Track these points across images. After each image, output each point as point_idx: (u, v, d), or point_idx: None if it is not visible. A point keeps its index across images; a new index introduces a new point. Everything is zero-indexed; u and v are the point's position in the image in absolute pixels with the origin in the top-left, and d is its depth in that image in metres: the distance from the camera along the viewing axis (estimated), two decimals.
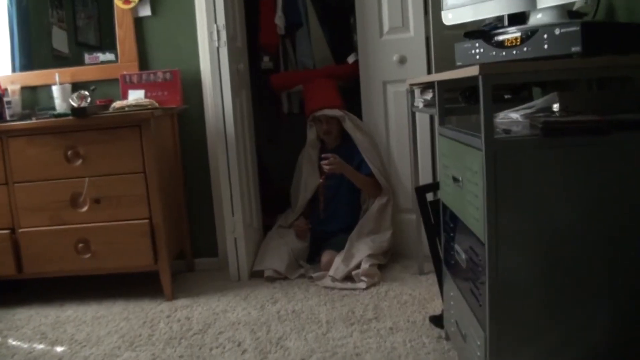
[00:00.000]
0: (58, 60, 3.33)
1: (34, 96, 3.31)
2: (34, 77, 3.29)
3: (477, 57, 1.72)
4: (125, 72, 3.15)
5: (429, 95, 2.45)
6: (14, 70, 3.34)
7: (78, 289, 3.03)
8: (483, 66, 1.33)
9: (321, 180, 3.21)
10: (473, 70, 1.36)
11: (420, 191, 2.18)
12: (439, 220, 2.06)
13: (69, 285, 3.07)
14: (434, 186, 2.31)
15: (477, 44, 1.71)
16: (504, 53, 1.60)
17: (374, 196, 3.21)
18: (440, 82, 1.91)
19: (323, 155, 3.10)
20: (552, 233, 1.38)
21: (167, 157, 3.00)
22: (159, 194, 2.72)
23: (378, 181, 3.15)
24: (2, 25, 3.35)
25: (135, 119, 2.67)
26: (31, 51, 3.41)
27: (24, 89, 3.28)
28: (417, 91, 2.70)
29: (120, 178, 2.72)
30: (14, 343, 2.42)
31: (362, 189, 3.23)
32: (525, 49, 1.53)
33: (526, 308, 1.41)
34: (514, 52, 1.56)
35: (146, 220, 2.72)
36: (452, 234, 1.84)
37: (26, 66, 3.35)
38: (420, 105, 2.53)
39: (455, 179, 1.68)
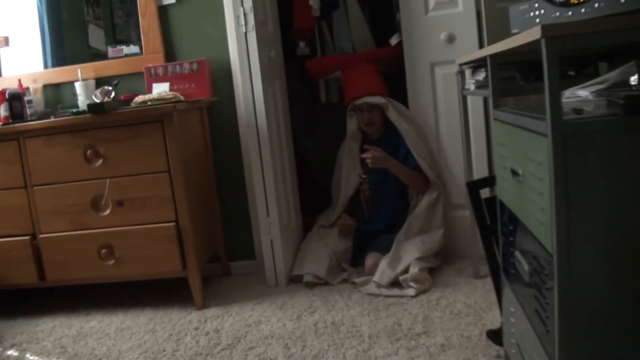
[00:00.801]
0: (96, 59, 3.17)
1: (58, 94, 3.18)
2: (56, 74, 3.16)
3: (537, 20, 1.42)
4: (150, 65, 2.96)
5: (481, 76, 2.15)
6: (46, 68, 3.21)
7: (105, 296, 2.88)
8: (546, 27, 1.04)
9: (363, 176, 2.93)
10: (533, 34, 1.07)
11: (473, 187, 1.89)
12: (495, 221, 1.77)
13: (96, 292, 2.92)
14: (489, 181, 2.01)
15: (536, 5, 1.41)
16: (570, 13, 1.30)
17: (423, 191, 2.93)
18: (493, 57, 1.62)
19: (365, 147, 2.83)
20: None
21: (196, 154, 2.81)
22: (185, 194, 2.52)
23: (426, 175, 2.87)
24: (32, 24, 3.23)
25: (156, 114, 2.47)
26: (64, 50, 3.27)
27: (47, 87, 3.16)
28: (467, 72, 2.41)
29: (144, 178, 2.54)
30: (31, 358, 2.27)
31: (408, 184, 2.96)
32: (596, 5, 1.22)
33: (607, 338, 1.11)
34: (583, 10, 1.26)
35: (172, 223, 2.53)
36: (511, 238, 1.55)
37: (59, 65, 3.21)
38: (472, 87, 2.24)
39: (514, 173, 1.40)
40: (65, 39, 3.29)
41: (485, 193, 2.03)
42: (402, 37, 2.94)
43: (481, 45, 2.76)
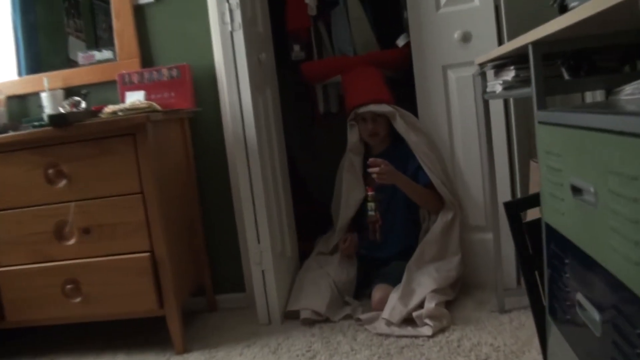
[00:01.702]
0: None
1: (24, 106, 2.86)
2: (22, 85, 2.85)
3: None
4: (124, 71, 2.64)
5: (509, 75, 1.85)
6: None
7: (73, 339, 2.54)
8: None
9: (371, 192, 2.60)
10: (599, 3, 0.75)
11: (512, 208, 1.56)
12: (538, 249, 1.44)
13: (63, 334, 2.57)
14: (532, 201, 1.67)
15: None
16: None
17: (436, 212, 2.60)
18: (537, 45, 1.30)
19: (370, 161, 2.51)
20: None
21: (175, 172, 2.48)
22: (162, 219, 2.19)
23: (440, 193, 2.54)
24: (5, 33, 2.92)
25: (127, 126, 2.15)
26: (39, 61, 2.95)
27: (11, 98, 2.83)
28: (489, 73, 2.11)
29: (113, 201, 2.21)
30: None
31: (420, 204, 2.63)
32: None
33: None
34: None
35: (147, 254, 2.19)
36: (566, 274, 1.22)
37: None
38: (498, 89, 1.92)
39: (576, 190, 1.07)
40: (42, 51, 2.97)
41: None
42: (410, 37, 2.63)
43: (501, 44, 2.43)
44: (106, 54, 2.78)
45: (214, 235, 2.73)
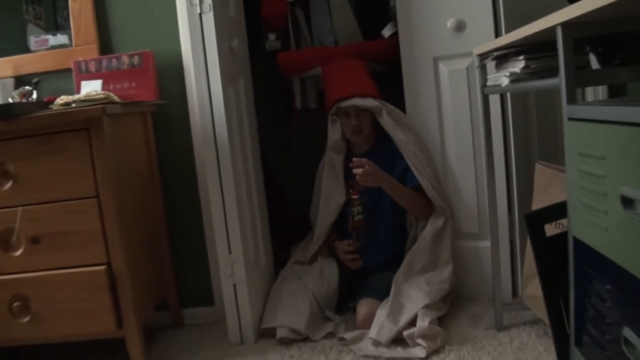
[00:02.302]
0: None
1: None
2: None
3: None
4: (80, 59, 2.40)
5: (517, 65, 1.66)
6: None
7: None
8: None
9: (354, 196, 2.40)
10: None
11: (535, 220, 1.37)
12: (561, 268, 1.25)
13: (13, 357, 2.31)
14: (557, 211, 1.47)
15: None
16: None
17: (425, 218, 2.41)
18: (568, 27, 1.11)
19: (354, 161, 2.30)
20: None
21: (136, 173, 2.25)
22: (120, 227, 1.96)
23: (429, 197, 2.36)
24: None
25: (80, 119, 1.90)
26: None
27: None
28: (489, 65, 1.95)
29: (65, 206, 1.96)
30: None
31: (407, 208, 2.43)
32: None
33: None
34: None
35: (103, 267, 1.95)
36: (606, 303, 1.03)
37: None
38: (504, 82, 1.73)
39: (627, 202, 0.88)
40: None
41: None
42: (397, 26, 2.44)
43: (497, 34, 2.27)
44: (61, 38, 2.53)
45: (180, 244, 2.51)
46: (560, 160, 2.41)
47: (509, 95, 2.28)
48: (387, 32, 2.61)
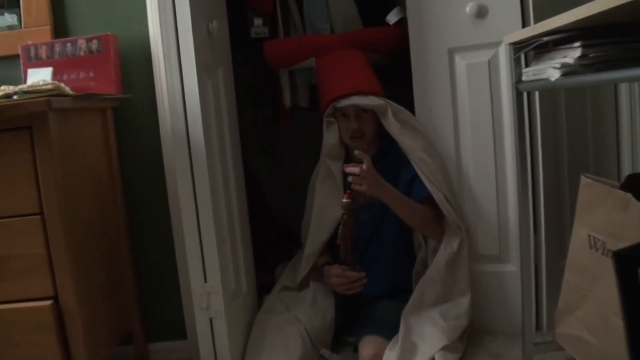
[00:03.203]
0: None
1: None
2: None
3: None
4: (30, 43, 2.07)
5: (570, 55, 1.38)
6: None
7: None
8: None
9: (345, 200, 2.02)
10: None
11: (628, 259, 1.05)
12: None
13: None
14: None
15: None
16: None
17: (435, 236, 2.10)
18: None
19: (347, 168, 1.96)
20: None
21: (92, 183, 1.91)
22: (70, 251, 1.63)
23: (441, 212, 2.05)
24: None
25: (20, 116, 1.57)
26: None
27: None
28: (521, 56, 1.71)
29: (2, 225, 1.61)
30: None
31: (414, 225, 2.10)
32: None
33: None
34: None
35: (49, 302, 1.61)
36: None
37: None
38: (555, 75, 1.43)
39: None
40: None
41: None
42: (405, 11, 2.16)
43: (524, 20, 2.01)
44: (9, 18, 2.19)
45: (146, 268, 2.18)
46: (595, 173, 2.17)
47: (537, 94, 2.00)
48: (392, 17, 2.33)
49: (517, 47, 1.69)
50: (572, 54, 1.38)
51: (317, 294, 2.12)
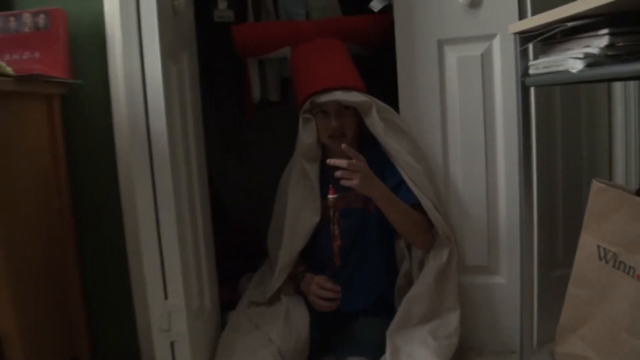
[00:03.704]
0: None
1: None
2: None
3: None
4: None
5: (595, 44, 1.25)
6: None
7: None
8: None
9: (332, 196, 1.78)
10: None
11: None
12: None
13: None
14: None
15: None
16: None
17: (424, 245, 1.91)
18: None
19: (332, 161, 1.74)
20: None
21: (34, 185, 1.64)
22: (6, 269, 1.38)
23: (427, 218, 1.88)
24: None
25: None
26: None
27: None
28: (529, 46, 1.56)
29: None
30: None
31: (403, 230, 1.91)
32: None
33: None
34: None
35: None
36: None
37: None
38: (578, 66, 1.28)
39: None
40: None
41: None
42: None
43: (522, 11, 1.87)
44: None
45: (96, 285, 1.89)
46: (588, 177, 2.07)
47: (532, 90, 1.85)
48: (377, 4, 2.16)
49: (524, 37, 1.53)
50: (596, 43, 1.23)
51: (290, 309, 1.91)
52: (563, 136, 2.00)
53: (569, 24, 1.35)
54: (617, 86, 2.05)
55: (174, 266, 1.60)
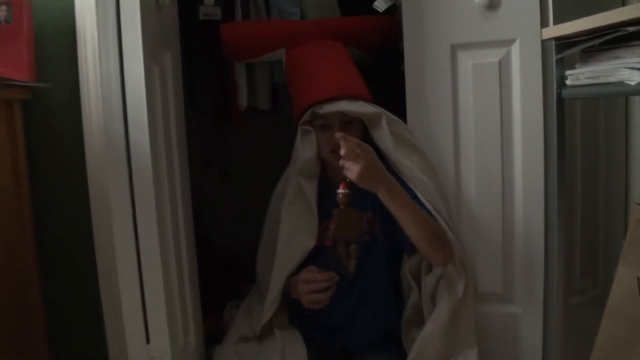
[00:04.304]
0: None
1: None
2: None
3: None
4: None
5: None
6: None
7: None
8: None
9: (341, 190, 1.57)
10: None
11: None
12: None
13: None
14: None
15: None
16: None
17: (446, 258, 1.66)
18: None
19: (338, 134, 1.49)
20: None
21: None
22: None
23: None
24: None
25: None
26: None
27: None
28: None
29: None
30: None
31: (420, 240, 1.63)
32: None
33: None
34: None
35: None
36: None
37: None
38: (636, 77, 1.14)
39: None
40: None
41: None
42: None
43: (544, 14, 1.72)
44: None
45: (62, 320, 1.70)
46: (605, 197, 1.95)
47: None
48: (382, 4, 1.98)
49: (561, 43, 1.36)
50: None
51: (286, 345, 1.68)
52: (582, 152, 1.86)
53: (630, 29, 1.19)
54: (637, 98, 1.93)
55: (157, 304, 1.38)
